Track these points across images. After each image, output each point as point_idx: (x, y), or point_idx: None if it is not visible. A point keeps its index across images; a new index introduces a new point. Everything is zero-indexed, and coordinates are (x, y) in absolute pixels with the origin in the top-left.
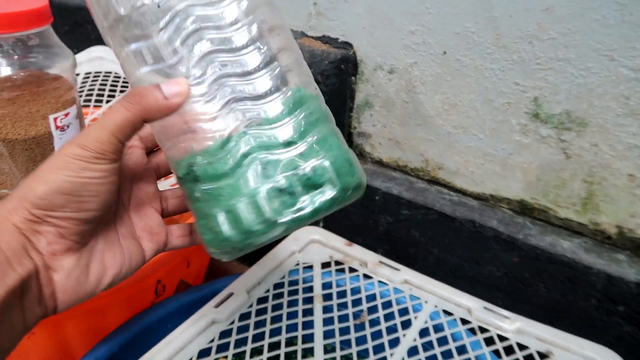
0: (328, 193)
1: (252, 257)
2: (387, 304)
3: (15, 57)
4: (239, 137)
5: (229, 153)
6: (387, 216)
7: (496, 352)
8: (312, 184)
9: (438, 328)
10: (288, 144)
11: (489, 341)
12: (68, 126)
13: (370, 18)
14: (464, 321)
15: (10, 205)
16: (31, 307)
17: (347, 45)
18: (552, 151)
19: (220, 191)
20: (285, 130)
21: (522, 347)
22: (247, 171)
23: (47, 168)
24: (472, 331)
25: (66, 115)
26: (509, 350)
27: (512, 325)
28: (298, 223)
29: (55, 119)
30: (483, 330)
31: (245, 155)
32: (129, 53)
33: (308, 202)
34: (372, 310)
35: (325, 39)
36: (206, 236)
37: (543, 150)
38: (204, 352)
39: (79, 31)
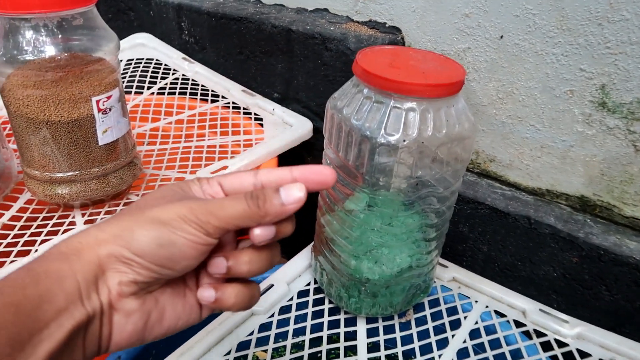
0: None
1: (292, 249)
2: (434, 302)
3: (60, 37)
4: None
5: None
6: None
7: (554, 358)
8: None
9: (490, 330)
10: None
11: (546, 346)
12: (110, 109)
13: (421, 0)
14: (518, 324)
15: (101, 236)
16: (90, 344)
17: (395, 30)
18: (619, 143)
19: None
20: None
21: (583, 354)
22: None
23: (150, 218)
24: (526, 335)
25: (109, 97)
26: (568, 356)
27: (571, 330)
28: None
29: (97, 102)
30: (539, 334)
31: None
32: None
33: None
34: (419, 308)
35: (372, 24)
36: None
37: (609, 142)
38: (243, 345)
39: (122, 18)
